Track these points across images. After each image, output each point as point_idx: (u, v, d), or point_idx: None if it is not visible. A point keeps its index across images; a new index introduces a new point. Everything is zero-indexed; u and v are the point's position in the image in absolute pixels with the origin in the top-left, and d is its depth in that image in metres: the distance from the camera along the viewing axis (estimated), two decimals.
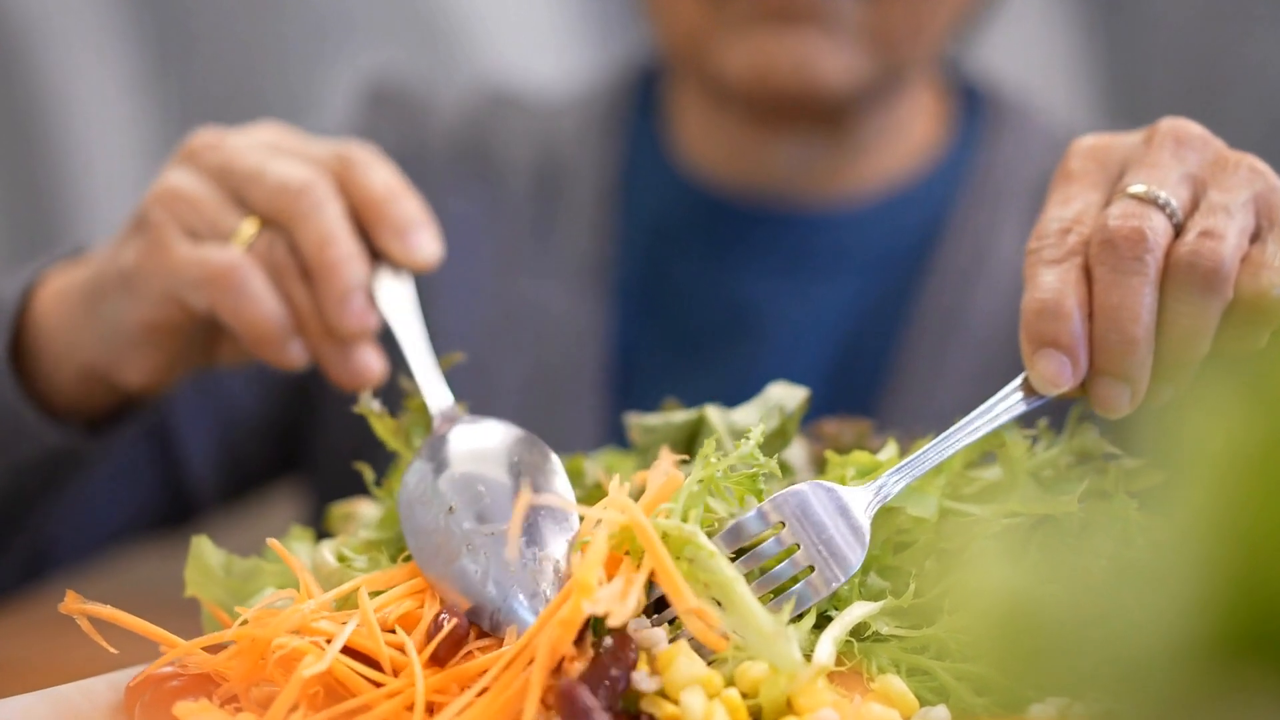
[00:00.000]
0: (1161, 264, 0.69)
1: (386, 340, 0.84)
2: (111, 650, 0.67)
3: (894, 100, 1.25)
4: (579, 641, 0.61)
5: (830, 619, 0.66)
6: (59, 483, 1.01)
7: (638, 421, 0.80)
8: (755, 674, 0.61)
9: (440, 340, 1.26)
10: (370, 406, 0.77)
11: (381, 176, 0.86)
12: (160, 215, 0.86)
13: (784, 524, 0.66)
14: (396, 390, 0.80)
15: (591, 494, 0.76)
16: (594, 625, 0.62)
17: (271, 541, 0.69)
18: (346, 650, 0.63)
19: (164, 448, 1.19)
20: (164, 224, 0.86)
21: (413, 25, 2.02)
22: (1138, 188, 0.71)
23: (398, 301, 0.84)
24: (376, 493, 0.76)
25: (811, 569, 0.66)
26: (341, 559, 0.70)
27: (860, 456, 0.72)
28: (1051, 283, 0.70)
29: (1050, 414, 0.74)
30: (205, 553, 0.71)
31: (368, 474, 0.76)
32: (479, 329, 1.26)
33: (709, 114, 1.27)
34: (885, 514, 0.70)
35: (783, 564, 0.66)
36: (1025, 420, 0.72)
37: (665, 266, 1.28)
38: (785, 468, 0.77)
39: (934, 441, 0.70)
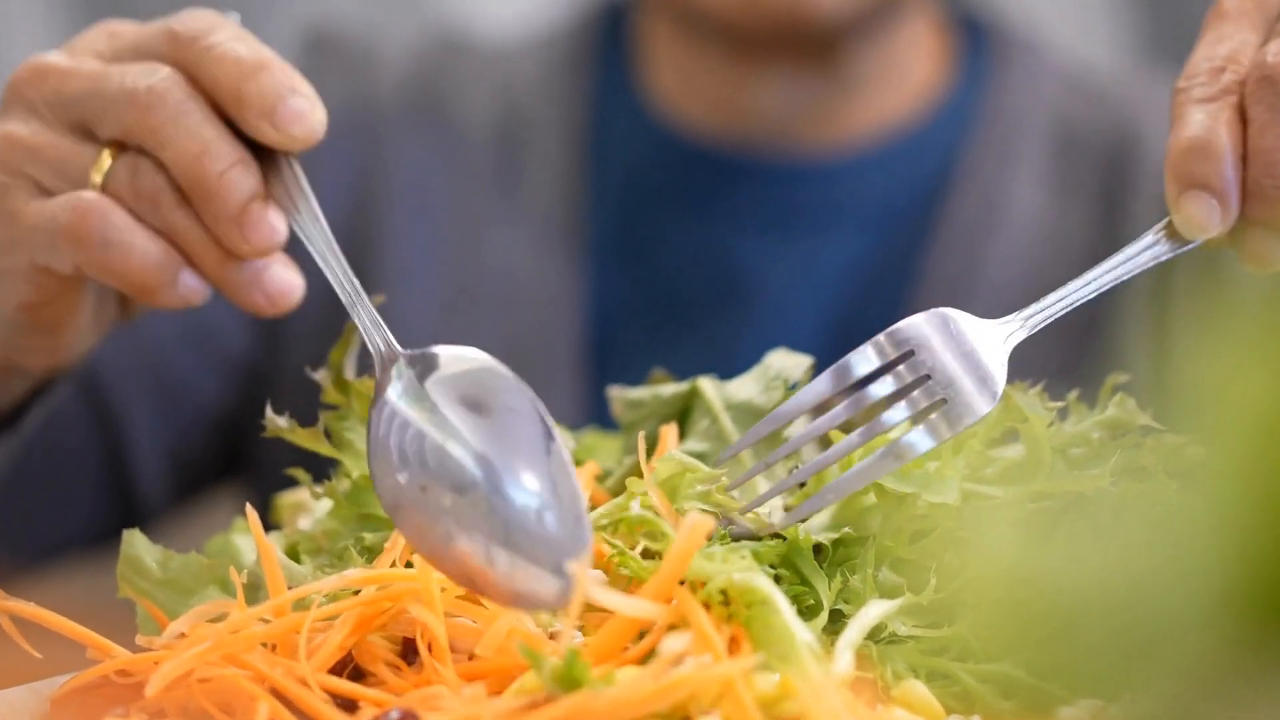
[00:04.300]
0: None
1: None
2: (36, 655, 0.66)
3: (891, 33, 1.25)
4: None
5: (842, 615, 0.65)
6: None
7: (622, 396, 0.79)
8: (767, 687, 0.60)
9: (396, 312, 1.26)
10: (279, 424, 0.74)
11: (230, 48, 0.74)
12: (1, 178, 0.77)
13: (902, 358, 0.68)
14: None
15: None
16: None
17: (249, 510, 0.68)
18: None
19: (111, 448, 1.19)
20: (6, 188, 0.77)
21: None
22: None
23: (297, 201, 0.75)
24: (316, 493, 0.74)
25: (943, 401, 0.67)
26: (292, 555, 0.69)
27: None
28: (1202, 120, 0.69)
29: (1081, 384, 0.73)
30: (139, 548, 0.70)
31: (304, 478, 0.75)
32: (439, 297, 1.25)
33: (685, 51, 1.26)
34: (898, 500, 0.69)
35: (893, 409, 0.67)
36: (1052, 392, 0.71)
37: (643, 224, 1.27)
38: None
39: (1075, 281, 0.71)
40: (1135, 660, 0.43)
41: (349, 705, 0.63)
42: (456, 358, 0.68)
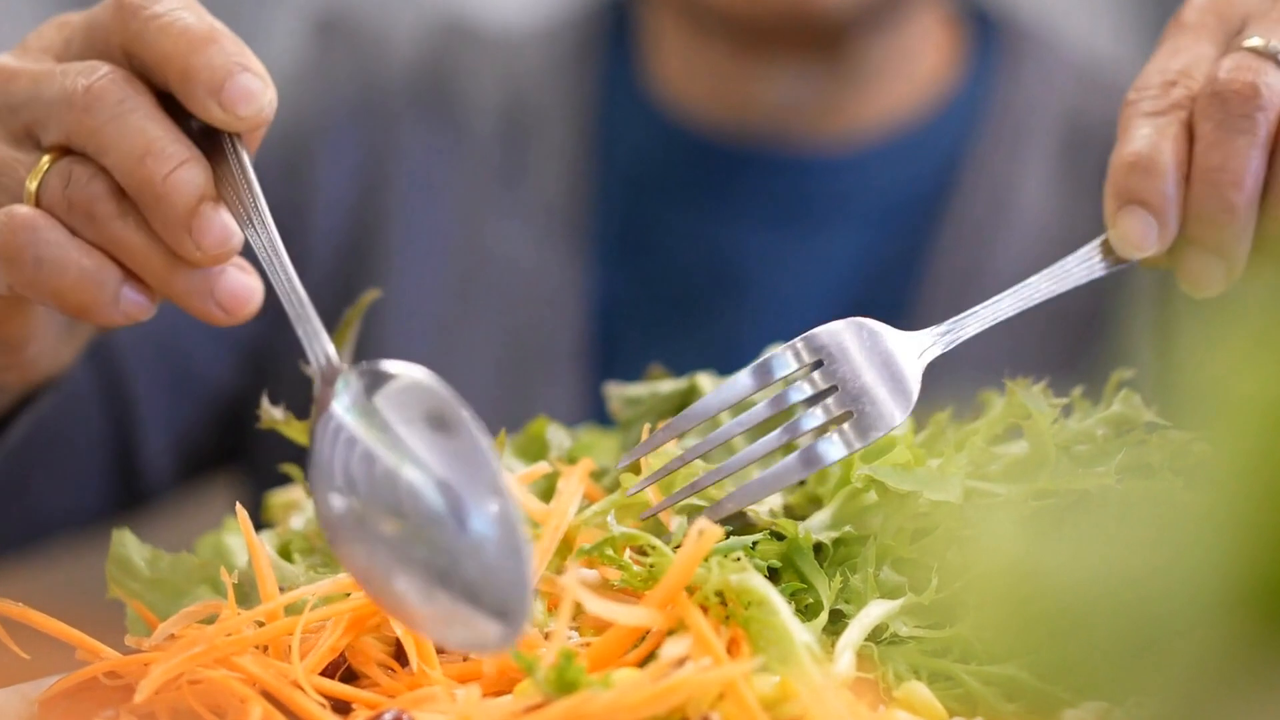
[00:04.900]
0: (1274, 126, 0.68)
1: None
2: (23, 656, 0.65)
3: (900, 24, 1.24)
4: None
5: (843, 615, 0.64)
6: None
7: (619, 392, 0.79)
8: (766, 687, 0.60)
9: (400, 300, 1.27)
10: (274, 415, 0.73)
11: (177, 18, 0.68)
12: None
13: (820, 363, 0.67)
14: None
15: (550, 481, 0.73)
16: None
17: (239, 509, 0.67)
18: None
19: (120, 425, 1.19)
20: None
21: None
22: (1256, 41, 0.70)
23: (243, 195, 0.69)
24: (310, 490, 0.74)
25: (850, 415, 0.66)
26: (284, 554, 0.69)
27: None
28: (1147, 135, 0.69)
29: (1085, 380, 0.73)
30: (128, 548, 0.70)
31: (297, 474, 0.74)
32: (442, 285, 1.25)
33: (691, 42, 1.26)
34: (900, 499, 0.68)
35: (812, 410, 0.66)
36: (1057, 388, 0.71)
37: (647, 216, 1.27)
38: None
39: (1005, 293, 0.70)
40: (1141, 661, 0.43)
41: (342, 707, 0.62)
42: (406, 374, 0.62)
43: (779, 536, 0.66)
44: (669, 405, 0.77)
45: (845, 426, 0.66)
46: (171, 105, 0.69)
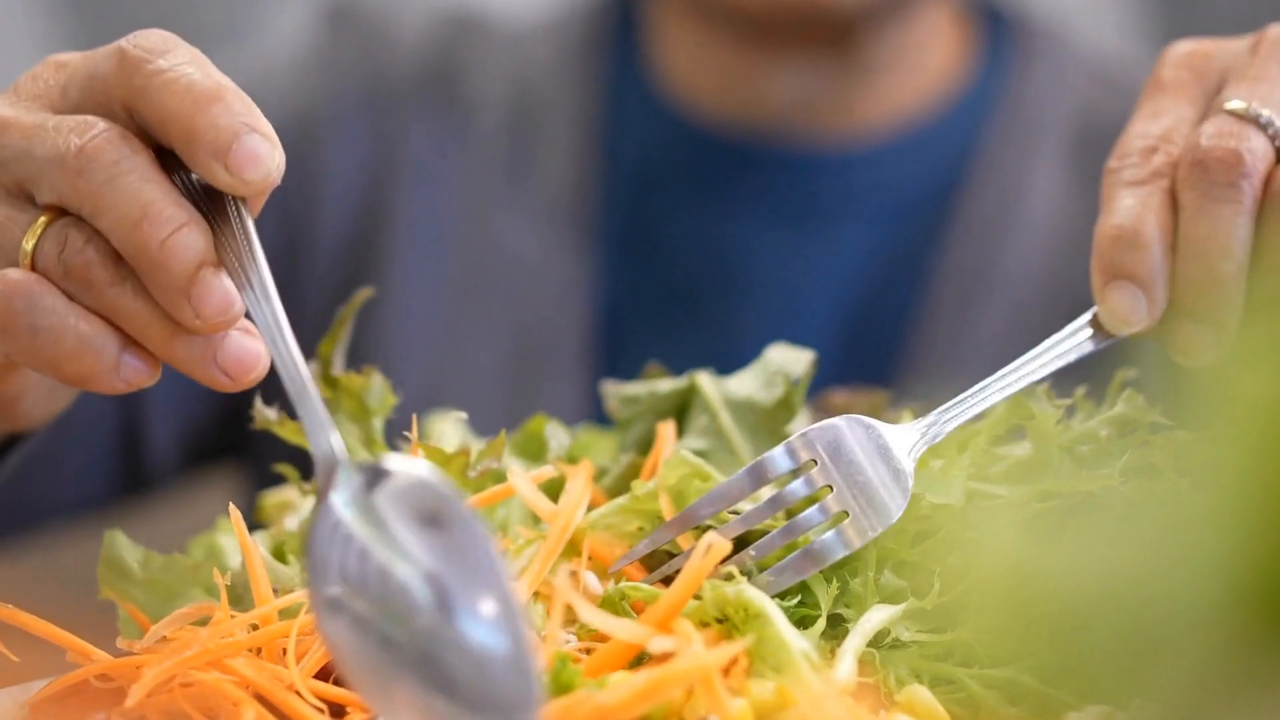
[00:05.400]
0: (1260, 193, 0.67)
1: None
2: (13, 658, 0.65)
3: (910, 20, 1.24)
4: None
5: (842, 619, 0.64)
6: None
7: (617, 391, 0.78)
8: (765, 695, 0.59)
9: (404, 294, 1.27)
10: (268, 416, 0.72)
11: (183, 74, 0.65)
12: None
13: (815, 462, 0.66)
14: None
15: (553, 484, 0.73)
16: None
17: (232, 509, 0.67)
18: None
19: (127, 410, 1.19)
20: None
21: None
22: (1236, 104, 0.69)
23: (245, 262, 0.65)
24: (305, 490, 0.74)
25: (845, 515, 0.65)
26: (278, 555, 0.68)
27: None
28: (1131, 207, 0.68)
29: (1088, 380, 0.72)
30: (119, 549, 0.70)
31: (291, 474, 0.74)
32: (447, 280, 1.25)
33: (698, 37, 1.26)
34: None
35: (810, 510, 0.66)
36: (1059, 388, 0.70)
37: (653, 212, 1.27)
38: None
39: (991, 378, 0.69)
40: (1145, 663, 0.42)
41: (336, 710, 0.62)
42: (408, 471, 0.59)
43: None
44: (667, 404, 0.77)
45: (846, 524, 0.66)
46: (172, 157, 0.66)
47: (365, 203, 1.26)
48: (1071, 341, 0.70)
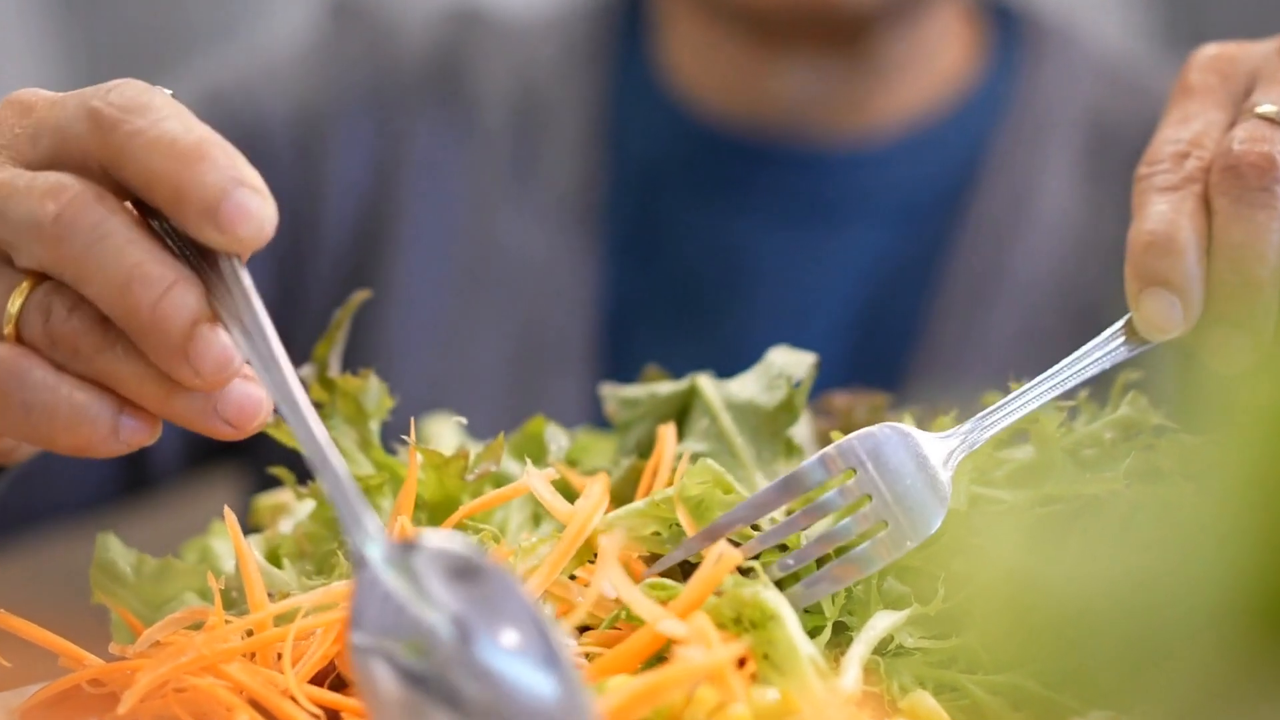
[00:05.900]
0: None
1: None
2: (4, 664, 0.65)
3: (920, 19, 1.24)
4: None
5: (846, 626, 0.64)
6: None
7: (615, 394, 0.78)
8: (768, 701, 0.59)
9: (408, 291, 1.27)
10: (267, 420, 0.72)
11: (163, 132, 0.62)
12: None
13: (853, 471, 0.66)
14: None
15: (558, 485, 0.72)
16: None
17: (228, 513, 0.67)
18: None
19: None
20: None
21: None
22: (1268, 107, 0.69)
23: (245, 319, 0.63)
24: (300, 493, 0.73)
25: (885, 524, 0.65)
26: (272, 559, 0.68)
27: None
28: (1164, 213, 0.68)
29: (1091, 383, 0.72)
30: (112, 552, 0.69)
31: (286, 477, 0.73)
32: (451, 277, 1.25)
33: (706, 34, 1.26)
34: None
35: (846, 520, 0.65)
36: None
37: (659, 211, 1.27)
38: (792, 447, 0.75)
39: (1028, 384, 0.68)
40: (1149, 669, 0.42)
41: (332, 716, 0.62)
42: (437, 543, 0.57)
43: (782, 546, 0.66)
44: (667, 407, 0.77)
45: (883, 534, 0.65)
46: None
47: (370, 199, 1.27)
48: (1106, 348, 0.69)
